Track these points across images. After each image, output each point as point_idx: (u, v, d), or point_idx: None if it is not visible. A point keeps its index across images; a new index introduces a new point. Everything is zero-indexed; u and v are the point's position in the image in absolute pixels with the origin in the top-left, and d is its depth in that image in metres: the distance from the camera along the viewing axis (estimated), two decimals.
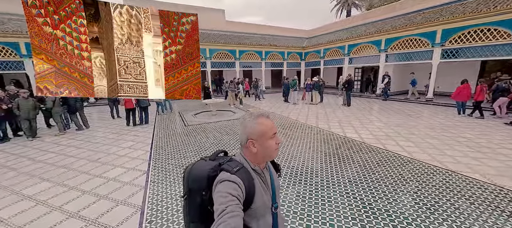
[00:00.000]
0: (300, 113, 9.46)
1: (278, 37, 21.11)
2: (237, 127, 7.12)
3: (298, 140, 5.59)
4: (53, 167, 4.32)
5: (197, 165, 0.96)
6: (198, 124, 7.63)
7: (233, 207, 0.76)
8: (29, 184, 3.65)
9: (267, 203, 0.98)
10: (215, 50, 16.23)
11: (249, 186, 0.89)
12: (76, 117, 7.19)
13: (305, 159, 4.40)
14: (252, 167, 0.96)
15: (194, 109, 10.95)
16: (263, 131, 0.94)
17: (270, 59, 18.73)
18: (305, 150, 4.89)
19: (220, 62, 16.75)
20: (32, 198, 3.23)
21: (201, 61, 15.73)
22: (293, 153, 4.73)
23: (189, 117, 8.98)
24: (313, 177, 3.68)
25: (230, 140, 5.72)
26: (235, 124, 7.59)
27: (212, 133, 6.46)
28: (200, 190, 0.90)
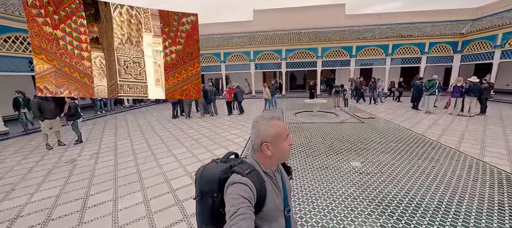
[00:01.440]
0: (436, 126, 6.82)
1: (416, 24, 16.22)
2: (334, 130, 6.51)
3: (427, 170, 4.14)
4: (189, 138, 6.36)
5: (208, 167, 0.98)
6: (295, 123, 7.81)
7: (244, 209, 0.76)
8: (176, 146, 5.68)
9: (280, 206, 0.98)
10: (328, 48, 15.45)
11: (260, 189, 0.89)
12: (211, 106, 9.93)
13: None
14: (264, 170, 0.96)
15: (299, 108, 11.24)
16: (277, 133, 0.94)
17: (399, 54, 14.86)
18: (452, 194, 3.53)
19: (332, 60, 15.73)
20: (175, 156, 5.01)
21: (311, 60, 15.73)
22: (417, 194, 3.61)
23: (289, 115, 9.40)
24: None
25: (318, 143, 5.37)
26: (332, 127, 6.96)
27: (305, 133, 6.38)
28: (211, 192, 0.91)
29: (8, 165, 4.95)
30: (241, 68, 16.95)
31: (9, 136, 7.28)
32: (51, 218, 2.93)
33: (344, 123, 7.53)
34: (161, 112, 11.61)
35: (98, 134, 7.44)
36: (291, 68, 16.51)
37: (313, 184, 3.44)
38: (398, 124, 7.15)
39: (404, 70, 17.19)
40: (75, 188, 3.73)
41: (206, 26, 21.50)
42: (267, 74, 19.85)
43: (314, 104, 9.39)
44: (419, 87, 9.63)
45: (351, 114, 9.15)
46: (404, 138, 5.70)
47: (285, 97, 16.32)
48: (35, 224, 2.80)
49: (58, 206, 3.22)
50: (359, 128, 6.83)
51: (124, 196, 3.41)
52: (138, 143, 6.18)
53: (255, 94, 17.00)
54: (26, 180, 4.13)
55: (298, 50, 15.87)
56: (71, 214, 2.99)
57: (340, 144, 5.32)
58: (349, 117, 8.58)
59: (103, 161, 4.91)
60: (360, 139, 5.70)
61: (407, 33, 14.62)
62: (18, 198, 3.50)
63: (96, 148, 5.90)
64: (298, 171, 3.93)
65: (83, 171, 4.41)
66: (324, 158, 4.47)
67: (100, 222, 2.80)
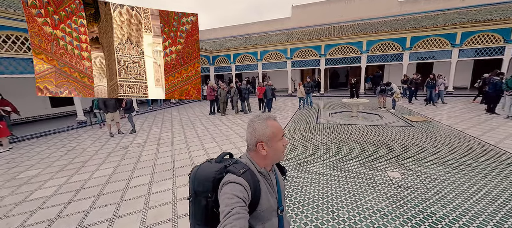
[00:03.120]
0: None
1: (498, 5, 12.93)
2: (374, 134, 5.82)
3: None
4: (221, 134, 6.68)
5: (203, 167, 0.97)
6: (330, 124, 7.30)
7: (239, 209, 0.76)
8: (208, 141, 6.06)
9: (273, 206, 0.98)
10: (375, 41, 13.81)
11: (255, 189, 0.89)
12: (245, 104, 10.18)
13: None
14: (258, 170, 0.96)
15: (338, 108, 10.49)
16: (273, 133, 0.94)
17: (470, 45, 12.13)
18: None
19: (380, 55, 14.01)
20: (205, 150, 5.35)
21: (354, 55, 14.36)
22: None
23: (325, 115, 8.84)
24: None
25: (352, 147, 4.87)
26: (373, 131, 6.22)
27: (339, 136, 5.89)
28: (205, 193, 0.91)
29: (83, 146, 6.20)
30: (277, 66, 16.79)
31: (87, 124, 9.08)
32: (102, 193, 3.54)
33: (388, 127, 6.63)
34: (201, 109, 12.55)
35: (148, 126, 8.55)
36: (331, 64, 15.42)
37: (337, 192, 3.15)
38: (461, 131, 5.87)
39: (477, 64, 14.05)
40: (123, 170, 4.39)
41: (244, 26, 22.09)
42: (305, 72, 19.12)
43: (353, 104, 8.57)
44: (498, 85, 7.67)
45: (400, 116, 7.98)
46: (468, 148, 4.65)
47: (324, 96, 15.41)
48: (92, 196, 3.43)
49: (109, 183, 3.86)
50: (407, 133, 5.91)
51: (157, 182, 3.83)
52: (177, 136, 6.85)
53: (291, 92, 16.61)
54: (92, 160, 5.09)
55: (339, 45, 14.69)
56: (116, 192, 3.54)
57: (379, 150, 4.71)
58: (396, 119, 7.51)
59: (147, 150, 5.62)
60: (405, 146, 4.92)
61: (484, 18, 11.77)
62: (84, 173, 4.35)
63: (144, 138, 6.80)
64: (321, 176, 3.67)
65: (132, 157, 5.15)
66: (356, 165, 4.04)
67: (135, 201, 3.23)
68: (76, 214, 2.98)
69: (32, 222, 2.86)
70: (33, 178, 4.24)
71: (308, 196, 3.10)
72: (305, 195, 3.13)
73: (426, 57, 13.14)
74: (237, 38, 21.53)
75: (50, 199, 3.44)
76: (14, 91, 9.56)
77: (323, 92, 16.12)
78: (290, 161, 4.38)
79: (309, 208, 2.84)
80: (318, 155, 4.63)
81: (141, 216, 2.87)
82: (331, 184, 3.39)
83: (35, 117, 10.47)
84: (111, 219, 2.83)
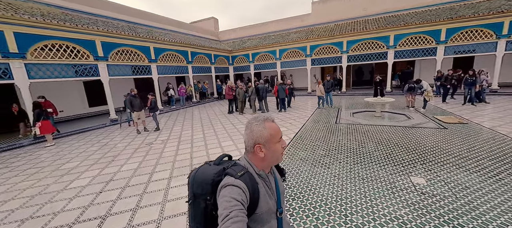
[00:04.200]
0: None
1: None
2: (398, 135, 5.43)
3: None
4: (237, 133, 6.81)
5: (201, 170, 0.97)
6: (350, 124, 6.98)
7: (237, 212, 0.76)
8: (225, 139, 6.23)
9: (272, 208, 0.97)
10: (403, 35, 12.79)
11: (253, 191, 0.89)
12: (262, 103, 10.21)
13: None
14: (257, 172, 0.96)
15: (361, 107, 9.99)
16: (271, 135, 0.93)
17: None
18: None
19: (409, 50, 12.94)
20: (222, 148, 5.51)
21: (380, 51, 13.46)
22: None
23: (345, 114, 8.47)
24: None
25: (372, 149, 4.60)
26: (397, 132, 5.80)
27: (359, 137, 5.62)
28: (204, 195, 0.90)
29: (114, 142, 6.81)
30: (296, 64, 16.48)
31: (118, 122, 9.93)
32: (128, 185, 3.87)
33: (416, 128, 6.13)
34: (220, 108, 12.90)
35: (170, 124, 9.07)
36: (354, 61, 14.66)
37: (352, 196, 3.03)
38: (505, 135, 5.19)
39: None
40: (147, 165, 4.74)
41: (263, 25, 22.04)
42: (326, 70, 18.49)
43: (377, 103, 8.07)
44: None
45: (430, 117, 7.32)
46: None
47: (346, 94, 14.76)
48: (119, 187, 3.78)
49: (134, 176, 4.20)
50: (438, 135, 5.41)
51: (177, 177, 4.07)
52: (196, 134, 7.16)
53: (311, 91, 16.19)
54: (121, 154, 5.58)
55: (363, 40, 13.89)
56: (140, 184, 3.85)
57: (403, 154, 4.40)
58: (425, 120, 6.91)
59: (169, 146, 5.98)
60: (434, 149, 4.52)
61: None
62: (114, 167, 4.79)
63: (167, 135, 7.23)
64: (337, 179, 3.55)
65: (155, 153, 5.53)
66: (375, 168, 3.83)
67: (156, 194, 3.48)
68: (105, 203, 3.31)
69: (70, 207, 3.25)
70: (73, 170, 4.79)
71: (321, 199, 3.03)
72: (318, 197, 3.06)
73: (465, 51, 11.78)
74: (256, 37, 21.61)
75: (85, 188, 3.86)
76: (59, 93, 10.83)
77: (345, 90, 15.43)
78: (304, 161, 4.31)
79: (321, 210, 2.78)
80: (334, 156, 4.48)
81: (160, 208, 3.08)
82: (346, 187, 3.27)
83: (75, 115, 11.75)
84: (134, 209, 3.09)
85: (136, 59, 11.21)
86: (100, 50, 9.38)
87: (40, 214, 3.15)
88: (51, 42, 7.87)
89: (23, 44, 7.18)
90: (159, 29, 16.46)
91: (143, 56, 11.49)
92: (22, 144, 7.11)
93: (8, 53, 6.89)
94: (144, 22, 15.89)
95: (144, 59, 11.56)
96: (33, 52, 7.45)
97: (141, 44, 11.28)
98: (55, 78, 8.11)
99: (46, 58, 7.77)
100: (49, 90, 9.92)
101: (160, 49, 12.47)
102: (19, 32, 7.09)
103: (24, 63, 7.23)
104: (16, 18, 6.92)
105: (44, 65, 7.75)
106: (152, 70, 11.98)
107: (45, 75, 7.80)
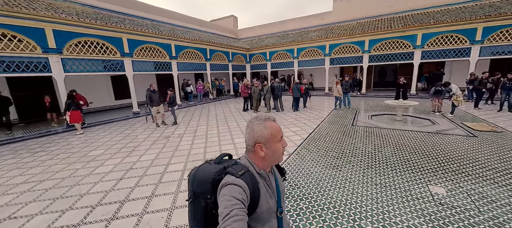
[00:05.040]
0: None
1: None
2: (420, 141, 5.11)
3: None
4: None
5: (202, 169, 0.96)
6: (368, 127, 6.70)
7: (237, 211, 0.76)
8: (238, 136, 6.33)
9: (273, 207, 0.97)
10: (432, 34, 11.88)
11: (254, 190, 0.89)
12: (277, 102, 10.17)
13: None
14: (258, 171, 0.96)
15: (381, 110, 9.55)
16: (271, 134, 0.94)
17: None
18: None
19: (438, 50, 12.00)
20: (234, 144, 5.62)
21: (405, 51, 12.66)
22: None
23: (363, 117, 8.14)
24: None
25: (389, 154, 4.38)
26: (419, 138, 5.46)
27: (376, 140, 5.38)
28: (204, 194, 0.90)
29: (135, 134, 7.27)
30: (314, 63, 16.12)
31: (140, 115, 10.55)
32: (146, 174, 4.13)
33: (441, 134, 5.71)
34: (236, 105, 13.09)
35: (187, 119, 9.42)
36: (376, 61, 13.96)
37: (363, 201, 2.94)
38: None
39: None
40: (163, 157, 5.01)
41: (282, 23, 21.85)
42: (345, 69, 17.85)
43: (399, 106, 7.64)
44: None
45: (458, 123, 6.77)
46: None
47: (365, 96, 14.14)
48: (137, 176, 4.05)
49: (151, 167, 4.46)
50: (465, 143, 4.99)
51: (190, 169, 4.20)
52: (211, 129, 7.37)
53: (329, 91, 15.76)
54: (140, 146, 5.94)
55: (387, 39, 13.16)
56: (156, 174, 4.08)
57: (422, 160, 4.14)
58: (452, 127, 6.40)
59: (185, 140, 6.23)
60: (459, 158, 4.19)
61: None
62: (134, 156, 5.13)
63: (184, 129, 7.53)
64: (348, 182, 3.46)
65: (172, 146, 5.80)
66: (391, 174, 3.66)
67: (170, 184, 3.67)
68: (124, 189, 3.58)
69: (94, 191, 3.57)
70: (98, 157, 5.22)
71: (330, 201, 2.98)
72: (327, 200, 3.02)
73: (505, 52, 10.64)
74: (274, 35, 21.50)
75: (108, 174, 4.20)
76: (90, 87, 11.77)
77: (365, 92, 14.78)
78: (316, 162, 4.25)
79: (329, 213, 2.74)
80: (347, 159, 4.35)
81: (173, 198, 3.26)
82: (357, 192, 3.18)
83: (103, 107, 12.69)
84: (149, 197, 3.30)
85: (158, 55, 11.77)
86: (126, 47, 10.01)
87: (69, 194, 3.50)
88: (84, 39, 8.57)
89: (60, 40, 7.92)
90: (180, 27, 17.11)
91: (164, 53, 12.04)
92: (57, 131, 7.88)
93: (48, 49, 7.65)
94: (167, 20, 16.60)
95: (165, 56, 12.11)
96: (68, 48, 8.18)
97: (163, 41, 11.82)
98: (87, 72, 8.83)
99: (79, 53, 8.49)
100: (81, 83, 10.84)
101: (181, 47, 12.95)
102: (57, 30, 7.83)
103: (60, 58, 7.97)
104: (55, 17, 7.65)
105: (77, 60, 8.47)
106: (172, 67, 12.51)
107: (78, 69, 8.53)
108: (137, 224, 2.71)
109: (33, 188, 3.78)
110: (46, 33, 7.59)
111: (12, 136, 7.10)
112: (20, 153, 5.79)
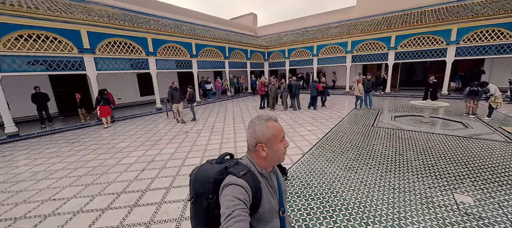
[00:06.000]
0: None
1: None
2: (449, 146, 4.72)
3: None
4: None
5: (203, 168, 0.96)
6: (390, 128, 6.35)
7: (239, 211, 0.76)
8: None
9: (275, 207, 0.97)
10: (469, 29, 10.76)
11: (256, 190, 0.89)
12: (294, 100, 10.05)
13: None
14: (259, 171, 0.96)
15: (406, 110, 8.98)
16: (273, 134, 0.93)
17: None
18: None
19: (475, 46, 10.83)
20: None
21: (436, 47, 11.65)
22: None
23: (385, 118, 7.72)
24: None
25: (411, 158, 4.12)
26: (448, 142, 5.04)
27: (398, 143, 5.09)
28: (206, 194, 0.90)
29: (157, 129, 7.72)
30: (335, 61, 15.54)
31: (162, 111, 11.16)
32: (165, 166, 4.40)
33: (474, 139, 5.20)
34: (253, 103, 13.20)
35: (206, 116, 9.75)
36: (403, 59, 13.03)
37: (378, 205, 2.82)
38: None
39: None
40: (182, 151, 5.27)
41: (301, 20, 21.37)
42: (368, 67, 16.98)
43: (426, 107, 7.09)
44: None
45: (495, 127, 6.10)
46: None
47: (390, 95, 13.33)
48: (157, 168, 4.33)
49: (170, 160, 4.74)
50: (502, 149, 4.50)
51: None
52: (227, 126, 7.55)
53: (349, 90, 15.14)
54: (161, 140, 6.31)
55: (416, 35, 12.20)
56: (174, 167, 4.33)
57: (449, 166, 3.83)
58: (488, 131, 5.79)
59: (202, 136, 6.48)
60: (494, 165, 3.80)
61: None
62: (155, 149, 5.47)
63: (201, 126, 7.82)
64: (363, 185, 3.33)
65: (190, 141, 6.08)
66: (411, 179, 3.46)
67: (186, 177, 3.87)
68: (145, 179, 3.86)
69: (120, 180, 3.90)
70: (124, 149, 5.67)
71: (342, 202, 2.92)
72: (339, 201, 2.96)
73: None
74: (293, 32, 21.13)
75: (132, 165, 4.55)
76: (118, 84, 12.71)
77: (389, 91, 13.92)
78: (330, 163, 4.15)
79: (340, 214, 2.69)
80: (365, 161, 4.19)
81: (188, 190, 3.44)
82: (373, 195, 3.06)
83: (129, 102, 13.64)
84: (167, 188, 3.52)
85: (180, 54, 12.29)
86: (150, 46, 10.62)
87: (99, 182, 3.87)
88: (113, 39, 9.27)
89: (93, 41, 8.66)
90: (200, 26, 17.62)
91: (185, 52, 12.53)
92: (89, 124, 8.68)
93: (83, 49, 8.42)
94: (188, 19, 17.20)
95: (186, 54, 12.60)
96: (100, 48, 8.91)
97: (184, 40, 12.31)
98: (116, 70, 9.55)
99: (109, 53, 9.21)
100: (111, 81, 11.76)
101: (201, 45, 13.36)
102: (91, 31, 8.57)
103: (93, 57, 8.73)
104: (89, 19, 8.38)
105: (108, 59, 9.20)
106: (193, 65, 12.98)
107: (108, 67, 9.27)
108: (156, 212, 2.92)
109: (69, 174, 4.25)
110: (81, 35, 8.36)
111: (52, 128, 7.99)
112: (60, 143, 6.50)
